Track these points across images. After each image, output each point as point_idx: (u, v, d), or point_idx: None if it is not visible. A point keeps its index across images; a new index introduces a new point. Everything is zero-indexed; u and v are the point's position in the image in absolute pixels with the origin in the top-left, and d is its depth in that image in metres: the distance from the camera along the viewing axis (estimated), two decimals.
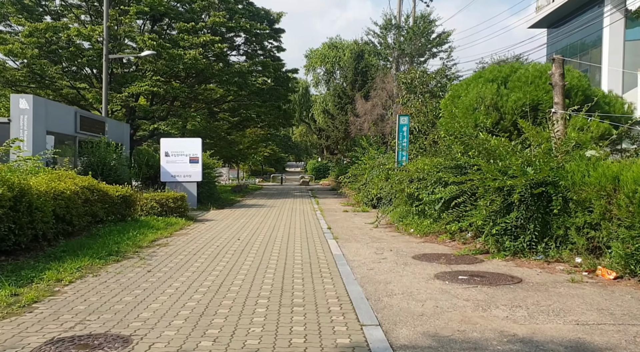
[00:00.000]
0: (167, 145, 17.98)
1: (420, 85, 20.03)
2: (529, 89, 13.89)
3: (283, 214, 16.39)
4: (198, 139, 18.40)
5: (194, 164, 17.91)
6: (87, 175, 12.68)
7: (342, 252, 9.06)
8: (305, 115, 58.05)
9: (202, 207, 18.02)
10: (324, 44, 50.74)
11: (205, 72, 23.50)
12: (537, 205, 8.61)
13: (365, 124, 33.67)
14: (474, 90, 14.40)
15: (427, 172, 11.32)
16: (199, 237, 10.98)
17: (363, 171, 20.64)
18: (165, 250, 9.32)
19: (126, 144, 19.65)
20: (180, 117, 22.82)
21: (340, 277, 7.02)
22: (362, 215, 16.28)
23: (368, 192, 18.39)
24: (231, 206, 19.93)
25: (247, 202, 22.22)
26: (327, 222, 14.19)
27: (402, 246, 9.95)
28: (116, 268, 7.66)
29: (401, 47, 33.84)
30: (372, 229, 12.63)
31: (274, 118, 27.15)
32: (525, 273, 7.33)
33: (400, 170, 13.34)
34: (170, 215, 13.73)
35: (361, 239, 10.93)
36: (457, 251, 9.35)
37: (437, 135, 12.26)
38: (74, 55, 21.79)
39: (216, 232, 11.83)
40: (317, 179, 45.32)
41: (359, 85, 36.20)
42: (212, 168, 19.47)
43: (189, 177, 17.86)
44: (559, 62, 10.90)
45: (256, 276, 7.07)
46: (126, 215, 12.35)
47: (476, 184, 9.48)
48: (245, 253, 8.99)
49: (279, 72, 26.23)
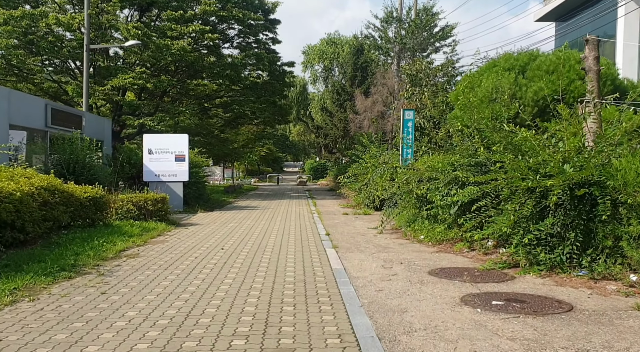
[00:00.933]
0: (150, 142, 16.49)
1: (425, 77, 18.58)
2: (551, 78, 12.45)
3: (277, 218, 14.91)
4: (184, 135, 16.91)
5: (180, 162, 16.42)
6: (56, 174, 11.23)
7: (344, 266, 7.58)
8: (302, 113, 56.56)
9: (188, 209, 16.52)
10: (322, 40, 49.25)
11: (195, 64, 21.98)
12: (578, 209, 7.15)
13: (365, 121, 32.20)
14: (489, 80, 12.95)
15: (440, 171, 9.85)
16: (177, 246, 9.49)
17: (364, 170, 19.17)
18: (132, 263, 7.83)
19: (107, 140, 18.15)
20: (168, 113, 21.31)
21: (342, 302, 5.54)
22: (364, 218, 14.80)
23: (370, 193, 16.92)
24: (221, 207, 18.43)
25: (240, 203, 20.74)
26: (326, 226, 12.72)
27: (413, 257, 8.48)
28: (64, 288, 6.17)
29: (403, 41, 32.39)
30: (377, 236, 11.16)
31: (270, 115, 25.65)
32: (573, 295, 5.87)
33: (408, 169, 11.87)
34: (149, 219, 12.24)
35: (365, 248, 9.45)
36: (479, 263, 7.88)
37: (452, 129, 10.79)
38: (53, 45, 20.26)
39: (198, 240, 10.34)
40: (314, 179, 43.82)
41: (359, 81, 34.72)
42: (200, 167, 17.97)
43: (174, 176, 16.37)
44: (594, 44, 9.45)
45: (235, 302, 5.58)
46: (96, 219, 10.86)
47: (501, 184, 8.03)
48: (228, 267, 7.50)
49: (274, 66, 24.74)
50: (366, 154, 20.54)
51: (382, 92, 32.30)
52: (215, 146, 25.90)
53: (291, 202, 21.11)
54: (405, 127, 16.72)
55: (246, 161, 45.11)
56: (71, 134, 13.53)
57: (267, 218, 14.72)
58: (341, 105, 35.57)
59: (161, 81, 20.59)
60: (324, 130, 37.89)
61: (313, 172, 46.85)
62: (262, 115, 25.55)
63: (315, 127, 42.44)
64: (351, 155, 27.73)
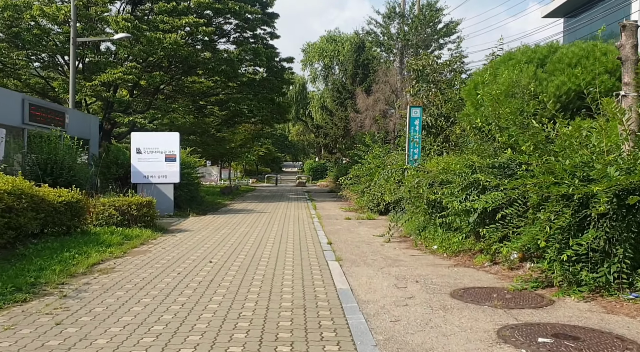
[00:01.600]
0: (138, 141, 15.39)
1: (433, 73, 17.49)
2: (574, 71, 11.38)
3: (274, 223, 13.81)
4: (175, 133, 15.81)
5: (170, 162, 15.32)
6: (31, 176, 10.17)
7: (350, 285, 6.49)
8: (302, 113, 55.47)
9: (179, 213, 15.43)
10: (322, 38, 48.15)
11: (189, 60, 20.88)
12: (627, 220, 6.07)
13: (366, 120, 31.12)
14: (505, 74, 11.89)
15: (456, 174, 8.77)
16: (160, 258, 8.39)
17: (367, 172, 18.11)
18: (104, 280, 6.74)
19: (94, 139, 17.04)
20: (160, 110, 20.20)
21: (351, 338, 4.46)
22: (368, 224, 13.71)
23: (374, 196, 15.85)
24: (215, 211, 17.34)
25: (235, 206, 19.64)
26: (327, 233, 11.63)
27: (429, 272, 7.39)
28: (12, 317, 5.08)
29: (406, 37, 31.32)
30: (384, 245, 10.07)
31: (268, 113, 24.53)
32: (634, 328, 4.78)
33: (418, 170, 10.78)
34: (133, 225, 11.15)
35: (372, 260, 8.36)
36: (507, 282, 6.81)
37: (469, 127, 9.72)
38: (39, 39, 19.16)
39: (185, 249, 9.25)
40: (314, 179, 42.70)
41: (360, 78, 33.65)
42: (193, 167, 16.85)
43: (164, 178, 15.27)
44: (632, 30, 8.35)
45: (219, 339, 4.49)
46: (73, 226, 9.75)
47: (530, 190, 6.96)
48: (214, 287, 6.41)
49: (272, 62, 23.63)
50: (369, 154, 19.49)
51: (384, 90, 31.23)
52: (211, 146, 24.79)
53: (290, 205, 20.02)
54: (411, 125, 15.65)
55: (244, 161, 43.98)
56: (49, 131, 12.42)
57: (263, 223, 13.63)
58: (342, 104, 34.49)
59: (153, 77, 19.48)
60: (323, 130, 36.80)
61: (312, 172, 45.74)
62: (259, 114, 24.43)
63: (314, 126, 41.35)
64: (352, 155, 26.64)
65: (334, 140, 36.55)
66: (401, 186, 12.01)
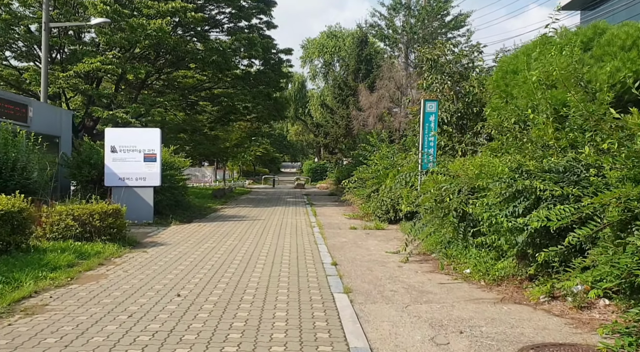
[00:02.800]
0: (113, 137, 13.43)
1: (448, 64, 15.58)
2: (629, 55, 9.50)
3: (268, 234, 11.87)
4: (156, 129, 13.83)
5: (150, 162, 13.37)
6: None
7: (368, 341, 4.55)
8: (301, 112, 53.53)
9: (160, 220, 13.47)
10: (322, 33, 46.21)
11: (177, 50, 18.93)
12: None
13: (370, 118, 29.19)
14: (541, 60, 9.99)
15: (499, 179, 6.82)
16: (115, 287, 6.44)
17: (374, 174, 16.18)
18: (21, 329, 4.79)
19: (66, 136, 15.10)
20: (144, 104, 18.23)
21: None
22: (378, 235, 11.77)
23: (382, 202, 13.91)
24: (203, 217, 15.38)
25: (227, 211, 17.68)
26: (330, 249, 9.69)
27: (472, 313, 5.46)
28: None
29: (412, 30, 29.43)
30: (402, 266, 8.13)
31: (264, 109, 22.57)
32: None
33: (439, 174, 8.84)
34: (96, 238, 9.20)
35: (392, 292, 6.42)
36: (584, 330, 4.88)
37: (508, 123, 7.76)
38: (8, 25, 17.21)
39: (152, 273, 7.30)
40: (313, 181, 40.73)
41: (363, 74, 31.75)
42: (177, 168, 14.86)
43: (142, 180, 13.31)
44: None
45: None
46: (14, 242, 7.80)
47: (613, 203, 5.06)
48: (173, 342, 4.46)
49: (269, 54, 21.67)
50: (375, 154, 17.57)
51: (388, 86, 29.30)
52: (202, 144, 22.79)
53: (287, 210, 18.07)
54: (426, 122, 13.72)
55: (240, 161, 42.00)
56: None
57: (255, 234, 11.68)
58: (343, 101, 32.58)
59: (136, 68, 17.51)
60: (324, 129, 34.88)
61: (312, 173, 43.73)
62: (255, 109, 22.47)
63: (314, 124, 39.39)
64: (356, 156, 24.70)
65: (335, 140, 34.63)
66: (414, 191, 10.07)
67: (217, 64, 18.50)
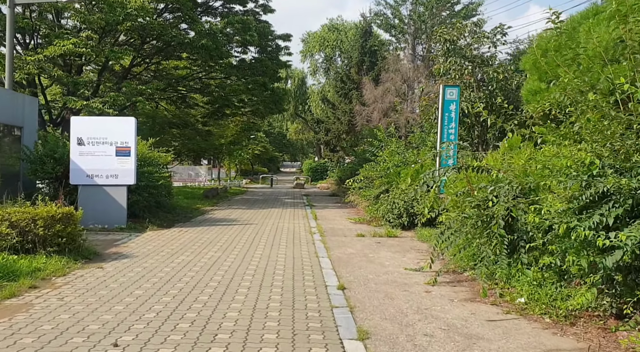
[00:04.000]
0: (80, 127, 11.50)
1: (468, 47, 13.68)
2: None
3: (259, 243, 9.95)
4: (130, 118, 11.89)
5: (123, 157, 11.44)
6: None
7: None
8: (301, 110, 51.56)
9: (135, 225, 11.53)
10: (324, 26, 44.26)
11: (164, 34, 16.97)
12: None
13: (374, 113, 27.23)
14: (595, 31, 8.07)
15: (576, 175, 4.88)
16: (30, 331, 4.51)
17: (382, 172, 14.26)
18: None
19: (31, 127, 13.14)
20: (124, 93, 16.26)
21: None
22: (391, 245, 9.83)
23: (394, 205, 11.98)
24: (187, 221, 13.44)
25: (216, 214, 15.73)
26: (335, 264, 7.77)
27: None
28: None
29: (420, 19, 27.51)
30: (430, 291, 6.21)
31: (260, 101, 20.60)
32: None
33: (479, 171, 6.89)
34: (40, 249, 7.28)
35: (426, 339, 4.48)
36: None
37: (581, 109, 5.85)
38: None
39: (93, 305, 5.36)
40: (313, 180, 38.77)
41: (367, 67, 29.78)
42: (156, 165, 12.87)
43: (114, 178, 11.38)
44: None
45: None
46: None
47: None
48: None
49: (265, 40, 19.72)
50: (384, 150, 15.65)
51: (394, 79, 27.38)
52: (192, 140, 20.79)
53: (284, 213, 16.13)
54: (445, 111, 11.81)
55: (237, 160, 40.02)
56: None
57: (244, 243, 9.75)
58: (346, 96, 30.65)
59: (115, 52, 15.55)
60: (325, 125, 32.93)
61: (312, 173, 41.72)
62: (251, 101, 20.51)
63: (315, 120, 37.42)
64: (362, 152, 22.77)
65: (337, 137, 32.70)
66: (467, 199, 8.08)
67: (207, 49, 16.53)
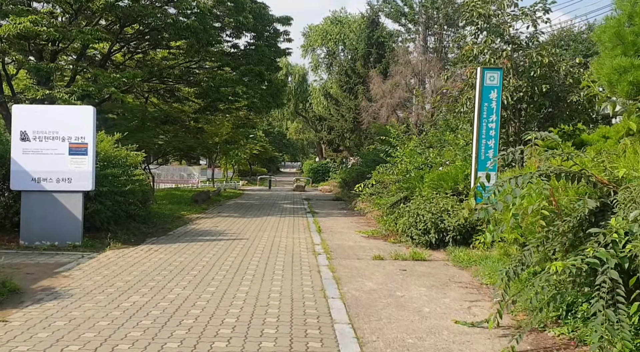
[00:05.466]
0: (24, 118, 9.14)
1: (507, 24, 11.33)
2: None
3: (247, 270, 7.58)
4: (88, 107, 9.53)
5: (78, 156, 9.08)
6: None
7: None
8: (302, 108, 49.18)
9: (93, 242, 9.16)
10: (326, 19, 41.91)
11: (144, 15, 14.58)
12: None
13: (382, 109, 24.91)
14: None
15: None
16: None
17: (401, 176, 11.91)
18: None
19: None
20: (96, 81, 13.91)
21: None
22: (422, 274, 7.45)
23: (418, 217, 9.59)
24: (163, 234, 11.06)
25: (201, 224, 13.34)
26: (352, 314, 5.40)
27: None
28: None
29: (434, 5, 25.16)
30: None
31: (256, 93, 18.25)
32: None
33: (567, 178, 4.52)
34: None
35: None
36: None
37: None
38: None
39: None
40: (314, 182, 36.41)
41: (374, 59, 27.45)
42: (124, 166, 10.44)
43: (67, 182, 9.02)
44: None
45: None
46: None
47: None
48: None
49: (262, 24, 17.35)
50: (400, 150, 13.31)
51: (404, 72, 25.07)
52: (178, 137, 18.44)
53: (282, 223, 13.74)
54: (485, 100, 9.46)
55: (233, 160, 37.65)
56: None
57: (226, 271, 7.38)
58: (351, 91, 28.30)
59: (84, 33, 13.18)
60: (327, 122, 30.56)
61: (313, 174, 39.31)
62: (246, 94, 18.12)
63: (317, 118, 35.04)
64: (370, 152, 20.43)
65: (340, 136, 30.35)
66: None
67: (193, 30, 14.15)
